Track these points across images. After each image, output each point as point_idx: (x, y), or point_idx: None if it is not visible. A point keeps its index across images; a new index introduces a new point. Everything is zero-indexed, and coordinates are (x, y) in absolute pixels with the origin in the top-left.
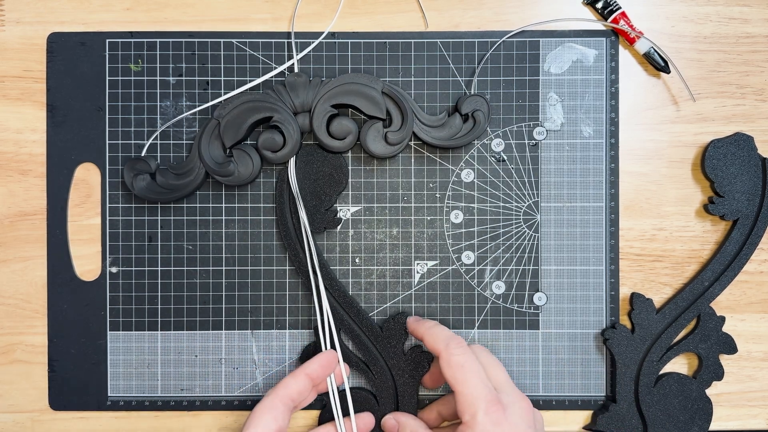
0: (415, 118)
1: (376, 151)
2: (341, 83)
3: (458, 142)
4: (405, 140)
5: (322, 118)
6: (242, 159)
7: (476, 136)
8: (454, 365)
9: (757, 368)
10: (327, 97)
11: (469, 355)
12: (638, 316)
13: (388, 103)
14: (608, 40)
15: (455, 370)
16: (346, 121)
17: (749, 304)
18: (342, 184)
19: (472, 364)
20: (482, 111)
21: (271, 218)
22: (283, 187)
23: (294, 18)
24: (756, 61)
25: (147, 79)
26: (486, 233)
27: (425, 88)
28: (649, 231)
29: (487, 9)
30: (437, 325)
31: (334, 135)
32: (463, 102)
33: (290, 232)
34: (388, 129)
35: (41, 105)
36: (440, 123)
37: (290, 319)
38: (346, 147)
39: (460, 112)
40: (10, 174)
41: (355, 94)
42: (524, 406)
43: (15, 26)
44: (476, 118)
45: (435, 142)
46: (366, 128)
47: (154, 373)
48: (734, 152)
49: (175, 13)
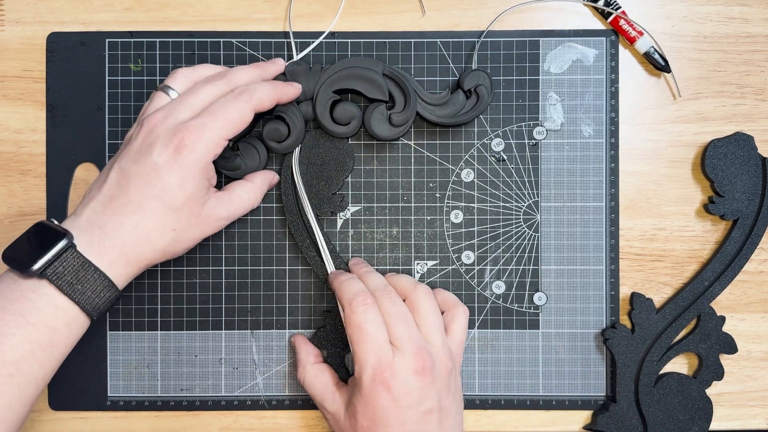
0: (418, 98)
1: (381, 134)
2: (342, 68)
3: (463, 118)
4: (409, 120)
5: (325, 104)
6: (248, 152)
7: (480, 111)
8: (352, 324)
9: (757, 368)
10: (328, 83)
11: (369, 315)
12: (638, 315)
13: (390, 85)
14: (608, 40)
15: (352, 329)
16: (349, 106)
17: (749, 304)
18: (349, 167)
19: (370, 325)
20: (485, 85)
21: (271, 218)
22: (288, 174)
23: (290, 18)
24: (756, 61)
25: (147, 79)
26: (486, 233)
27: (425, 88)
28: (649, 231)
29: (487, 9)
30: (352, 278)
31: (338, 121)
32: (465, 77)
33: (294, 216)
34: (392, 111)
35: (41, 105)
36: (443, 101)
37: (290, 319)
38: (350, 132)
39: (462, 88)
40: (10, 174)
41: (356, 78)
42: (443, 363)
43: (15, 26)
44: (479, 93)
45: (439, 121)
46: (369, 112)
47: (154, 373)
48: (734, 152)
49: (175, 13)
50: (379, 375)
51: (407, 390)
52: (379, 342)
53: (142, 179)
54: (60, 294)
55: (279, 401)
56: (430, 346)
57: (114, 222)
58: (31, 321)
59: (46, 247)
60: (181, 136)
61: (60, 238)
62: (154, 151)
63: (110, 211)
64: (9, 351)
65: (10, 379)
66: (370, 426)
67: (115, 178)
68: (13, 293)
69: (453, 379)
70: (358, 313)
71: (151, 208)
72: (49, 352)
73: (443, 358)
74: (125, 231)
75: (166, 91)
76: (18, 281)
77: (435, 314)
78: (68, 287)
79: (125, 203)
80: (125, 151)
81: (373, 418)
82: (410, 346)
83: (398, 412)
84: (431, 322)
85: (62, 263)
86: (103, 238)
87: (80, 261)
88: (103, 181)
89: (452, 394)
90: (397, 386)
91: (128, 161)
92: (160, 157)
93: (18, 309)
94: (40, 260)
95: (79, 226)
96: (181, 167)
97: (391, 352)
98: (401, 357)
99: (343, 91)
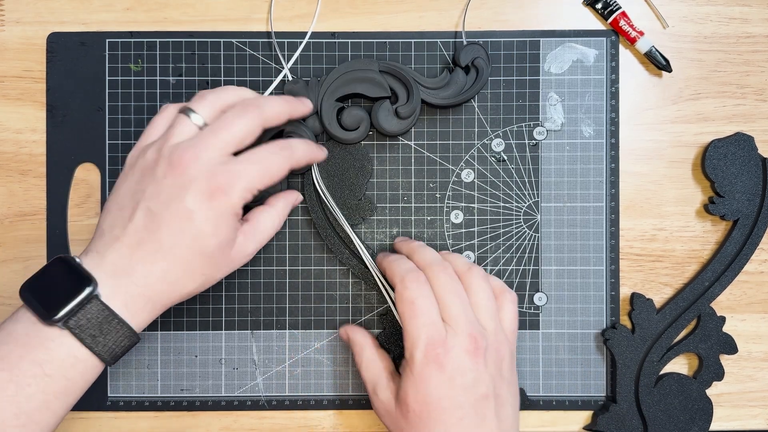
0: (419, 85)
1: (391, 129)
2: (339, 75)
3: (467, 95)
4: (416, 110)
5: (331, 114)
6: None
7: (482, 84)
8: (404, 300)
9: (757, 368)
10: (329, 93)
11: (423, 290)
12: (638, 316)
13: (389, 80)
14: (608, 40)
15: (405, 306)
16: (354, 110)
17: (749, 304)
18: (368, 170)
19: (422, 300)
20: (482, 57)
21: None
22: (311, 191)
23: (271, 21)
24: (756, 61)
25: (147, 79)
26: (486, 233)
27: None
28: (650, 231)
29: (487, 9)
30: (401, 257)
31: (347, 127)
32: (460, 53)
33: (328, 231)
34: (397, 104)
35: (41, 105)
36: (444, 82)
37: (290, 319)
38: (361, 135)
39: (459, 65)
40: (10, 174)
41: (355, 81)
42: (497, 349)
43: (15, 26)
44: (478, 67)
45: (445, 103)
46: (375, 110)
47: (154, 373)
48: (734, 152)
49: (175, 13)
50: (432, 352)
51: (461, 370)
52: (432, 318)
53: (175, 226)
54: (81, 346)
55: (279, 401)
56: (483, 329)
57: (143, 270)
58: (48, 372)
59: (70, 294)
60: (218, 183)
61: (85, 284)
62: (188, 196)
63: (138, 257)
64: (24, 402)
65: (21, 430)
66: (423, 411)
67: (144, 221)
68: (31, 339)
69: (508, 367)
70: (410, 289)
71: (182, 255)
72: (63, 401)
73: (497, 344)
74: (154, 278)
75: (188, 115)
76: (37, 326)
77: (489, 298)
78: (90, 340)
79: (155, 249)
80: (152, 187)
81: (425, 400)
82: (464, 325)
83: (452, 394)
84: (485, 306)
85: (86, 315)
86: (130, 286)
87: (105, 314)
88: (127, 220)
89: (507, 384)
90: (450, 364)
91: (158, 204)
92: (195, 204)
93: (36, 358)
94: (63, 309)
95: (104, 270)
96: (215, 214)
97: (444, 330)
98: (454, 335)
99: (344, 97)
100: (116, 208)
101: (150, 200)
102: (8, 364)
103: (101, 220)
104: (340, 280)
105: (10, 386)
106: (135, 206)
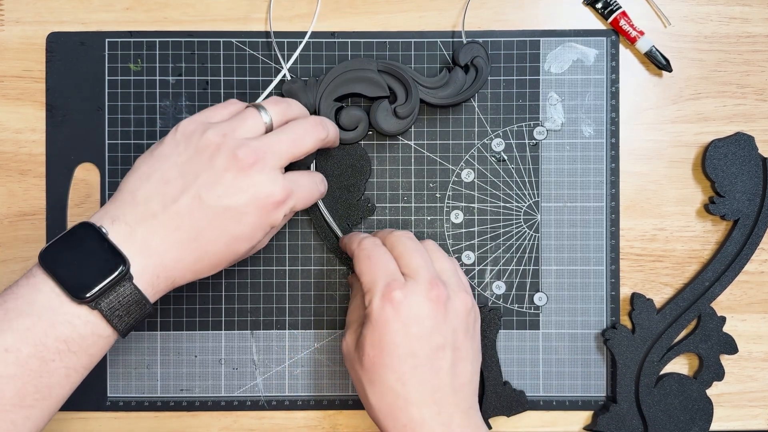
0: (418, 85)
1: (389, 129)
2: (337, 74)
3: (466, 94)
4: (415, 110)
5: (329, 114)
6: None
7: (482, 84)
8: (361, 258)
9: (757, 368)
10: (327, 92)
11: (377, 248)
12: (639, 316)
13: (388, 79)
14: (608, 40)
15: (361, 263)
16: (353, 110)
17: (750, 305)
18: (367, 170)
19: (380, 256)
20: (481, 56)
21: None
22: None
23: (270, 20)
24: (757, 61)
25: (147, 78)
26: (486, 233)
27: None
28: (650, 231)
29: (487, 9)
30: (360, 233)
31: (346, 127)
32: (459, 52)
33: (327, 232)
34: (395, 104)
35: (41, 105)
36: (443, 82)
37: (290, 319)
38: (360, 135)
39: (459, 64)
40: (9, 174)
41: (353, 80)
42: (462, 301)
43: (14, 26)
44: (477, 66)
45: (444, 102)
46: (374, 110)
47: (154, 373)
48: (735, 152)
49: (175, 13)
50: (388, 294)
51: (418, 318)
52: (389, 268)
53: (221, 223)
54: (108, 326)
55: (279, 401)
56: (446, 282)
57: (175, 255)
58: (73, 349)
59: (101, 272)
60: (276, 198)
61: (118, 262)
62: (245, 200)
63: (173, 241)
64: (47, 376)
65: (41, 402)
66: (377, 356)
67: (189, 207)
68: (57, 315)
69: (472, 322)
70: (366, 248)
71: (216, 251)
72: (81, 373)
73: (462, 295)
74: (182, 265)
75: (260, 111)
76: (63, 300)
77: (450, 260)
78: (117, 320)
79: (193, 239)
80: (207, 175)
81: (380, 345)
82: (425, 273)
83: (407, 341)
84: (447, 268)
85: (117, 298)
86: (158, 268)
87: (136, 297)
88: (170, 199)
89: (470, 338)
90: (406, 310)
91: (211, 196)
92: (249, 209)
93: (61, 335)
94: (94, 288)
95: (135, 246)
96: (261, 224)
97: (402, 278)
98: (415, 283)
99: (343, 97)
100: (158, 177)
101: (203, 188)
102: (33, 339)
103: (132, 182)
104: (340, 280)
105: (33, 361)
106: (184, 188)
